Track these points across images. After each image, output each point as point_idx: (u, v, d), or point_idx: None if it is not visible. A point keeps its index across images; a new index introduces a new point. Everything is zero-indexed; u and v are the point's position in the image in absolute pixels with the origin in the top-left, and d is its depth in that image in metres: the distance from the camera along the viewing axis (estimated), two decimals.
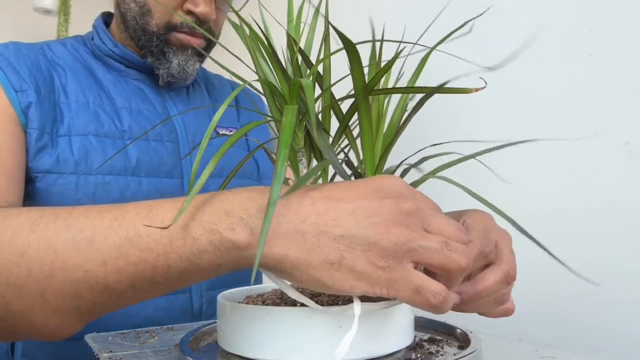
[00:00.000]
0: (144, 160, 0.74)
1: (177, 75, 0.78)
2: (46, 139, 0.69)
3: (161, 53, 0.77)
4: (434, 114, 0.80)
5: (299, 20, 0.53)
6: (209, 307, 0.78)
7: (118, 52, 0.79)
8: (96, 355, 0.50)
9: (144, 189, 0.73)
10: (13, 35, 0.85)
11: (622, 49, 0.70)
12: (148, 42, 0.77)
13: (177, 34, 0.76)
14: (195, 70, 0.79)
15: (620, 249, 0.69)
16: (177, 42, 0.77)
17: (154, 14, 0.75)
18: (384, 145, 0.48)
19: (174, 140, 0.78)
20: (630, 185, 0.69)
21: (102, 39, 0.80)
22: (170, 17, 0.75)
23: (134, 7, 0.76)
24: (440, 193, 0.88)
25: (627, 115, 0.69)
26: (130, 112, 0.77)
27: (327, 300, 0.45)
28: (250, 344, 0.43)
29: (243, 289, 0.55)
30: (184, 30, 0.76)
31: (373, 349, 0.42)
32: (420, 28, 0.57)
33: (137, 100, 0.78)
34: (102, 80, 0.78)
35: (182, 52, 0.77)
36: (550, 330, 0.76)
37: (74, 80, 0.75)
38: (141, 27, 0.76)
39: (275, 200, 0.32)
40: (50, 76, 0.73)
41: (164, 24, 0.76)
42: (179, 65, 0.77)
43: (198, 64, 0.80)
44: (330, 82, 0.52)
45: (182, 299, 0.76)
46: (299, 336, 0.40)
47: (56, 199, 0.69)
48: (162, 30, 0.76)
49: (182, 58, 0.77)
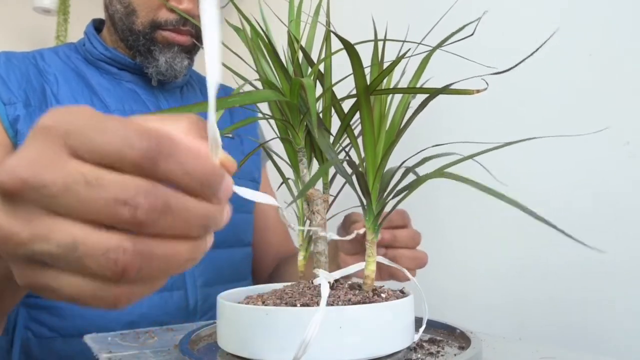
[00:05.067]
0: None
1: (165, 72, 0.79)
2: None
3: (148, 52, 0.78)
4: (436, 115, 0.80)
5: (299, 20, 0.53)
6: (205, 303, 0.79)
7: (109, 55, 0.81)
8: (96, 355, 0.50)
9: None
10: (13, 35, 0.85)
11: (622, 49, 0.70)
12: (135, 42, 0.78)
13: (163, 32, 0.77)
14: (184, 68, 0.80)
15: (620, 248, 0.69)
16: (162, 40, 0.78)
17: (138, 13, 0.77)
18: (385, 145, 0.47)
19: None
20: (630, 185, 0.69)
21: (92, 43, 0.82)
22: (155, 16, 0.77)
23: (120, 8, 0.78)
24: (442, 194, 0.88)
25: (627, 115, 0.69)
26: (123, 113, 0.78)
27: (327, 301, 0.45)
28: (250, 344, 0.43)
29: (243, 289, 0.55)
30: (169, 27, 0.77)
31: (373, 349, 0.42)
32: (423, 27, 0.57)
33: (130, 102, 0.80)
34: (95, 85, 0.79)
35: (168, 50, 0.78)
36: (551, 330, 0.76)
37: (66, 88, 0.77)
38: (128, 27, 0.78)
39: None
40: (41, 87, 0.75)
41: (149, 23, 0.77)
42: (166, 62, 0.78)
43: (187, 61, 0.80)
44: (331, 81, 0.52)
45: (177, 295, 0.76)
46: (298, 336, 0.40)
47: None
48: (147, 29, 0.77)
49: (168, 55, 0.78)
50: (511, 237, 0.80)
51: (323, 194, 0.51)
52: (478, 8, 0.76)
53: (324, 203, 0.50)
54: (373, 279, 0.48)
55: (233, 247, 0.84)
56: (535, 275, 0.78)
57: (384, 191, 0.47)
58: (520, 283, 0.80)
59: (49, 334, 0.71)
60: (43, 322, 0.72)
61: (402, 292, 0.50)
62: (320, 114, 0.51)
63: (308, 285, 0.49)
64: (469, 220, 0.85)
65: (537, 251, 0.77)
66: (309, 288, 0.48)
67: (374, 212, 0.47)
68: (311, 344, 0.36)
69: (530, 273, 0.79)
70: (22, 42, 2.11)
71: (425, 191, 0.58)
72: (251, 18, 0.52)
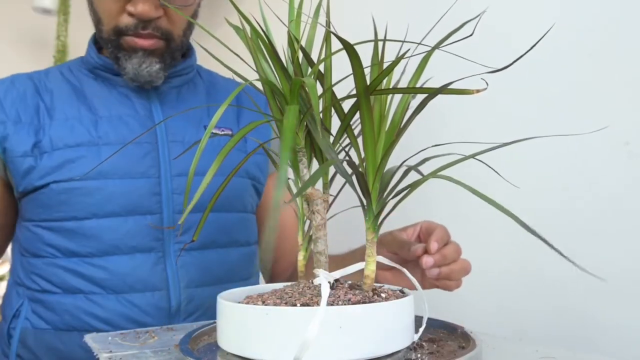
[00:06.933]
0: (118, 163, 0.77)
1: (135, 78, 0.79)
2: (30, 161, 0.76)
3: (115, 59, 0.80)
4: (436, 115, 0.80)
5: (299, 20, 0.53)
6: (189, 304, 0.78)
7: (101, 62, 0.83)
8: (96, 355, 0.50)
9: (117, 190, 0.76)
10: (13, 35, 0.85)
11: (623, 48, 0.70)
12: (108, 50, 0.81)
13: (126, 38, 0.78)
14: (155, 72, 0.79)
15: (620, 248, 0.69)
16: (127, 46, 0.79)
17: (103, 20, 0.79)
18: (385, 145, 0.48)
19: (151, 141, 0.80)
20: (630, 185, 0.69)
21: (89, 53, 0.85)
22: (117, 22, 0.78)
23: (93, 18, 0.81)
24: (442, 194, 0.88)
25: (627, 115, 0.69)
26: (110, 119, 0.80)
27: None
28: (250, 344, 0.43)
29: (244, 289, 0.55)
30: (129, 33, 0.78)
31: (373, 349, 0.42)
32: (422, 27, 0.57)
33: (119, 107, 0.81)
34: (89, 94, 0.82)
35: (134, 55, 0.78)
36: (551, 330, 0.76)
37: (59, 101, 0.80)
38: (99, 35, 0.81)
39: (278, 204, 0.32)
40: (35, 104, 0.79)
41: (112, 30, 0.78)
42: (133, 68, 0.78)
43: (157, 66, 0.79)
44: (331, 81, 0.52)
45: (158, 296, 0.76)
46: (298, 336, 0.40)
47: (43, 206, 0.76)
48: (112, 36, 0.79)
49: (135, 61, 0.78)
50: (512, 237, 0.80)
51: (323, 194, 0.51)
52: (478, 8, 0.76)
53: (324, 203, 0.50)
54: (373, 278, 0.48)
55: (226, 247, 0.84)
56: (535, 276, 0.78)
57: (383, 191, 0.47)
58: (520, 283, 0.81)
59: (44, 326, 0.76)
60: (40, 314, 0.76)
61: (402, 292, 0.50)
62: (320, 114, 0.51)
63: (308, 285, 0.49)
64: (469, 220, 0.85)
65: (537, 251, 0.77)
66: (309, 288, 0.48)
67: (374, 212, 0.47)
68: (311, 344, 0.36)
69: (531, 274, 0.79)
70: (22, 42, 2.11)
71: (425, 191, 0.58)
72: (251, 18, 0.52)
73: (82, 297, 0.74)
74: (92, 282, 0.75)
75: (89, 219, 0.75)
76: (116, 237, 0.75)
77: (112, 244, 0.75)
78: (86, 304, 0.74)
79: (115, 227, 0.75)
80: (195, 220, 0.77)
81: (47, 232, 0.76)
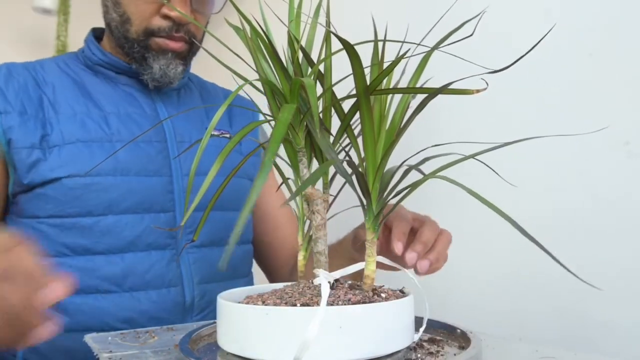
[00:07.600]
0: (132, 160, 0.78)
1: (160, 79, 0.81)
2: (38, 154, 0.75)
3: (143, 59, 0.81)
4: (436, 115, 0.80)
5: (299, 20, 0.53)
6: (202, 300, 0.80)
7: (106, 60, 0.84)
8: (96, 355, 0.50)
9: (134, 187, 0.77)
10: (13, 35, 0.85)
11: (623, 48, 0.70)
12: (130, 49, 0.81)
13: (156, 39, 0.80)
14: (179, 74, 0.82)
15: (620, 248, 0.69)
16: (156, 47, 0.80)
17: (132, 21, 0.80)
18: (385, 145, 0.48)
19: (161, 140, 0.82)
20: (630, 185, 0.69)
21: (91, 50, 0.85)
22: (148, 24, 0.79)
23: (116, 17, 0.81)
24: (442, 193, 0.88)
25: (627, 116, 0.69)
26: (119, 116, 0.80)
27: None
28: (250, 344, 0.43)
29: (243, 289, 0.55)
30: (162, 35, 0.79)
31: (373, 349, 0.42)
32: (422, 27, 0.57)
33: (126, 105, 0.82)
34: (91, 90, 0.82)
35: (162, 57, 0.81)
36: (551, 330, 0.76)
37: (62, 95, 0.80)
38: (123, 35, 0.81)
39: (258, 192, 0.31)
40: (38, 97, 0.78)
41: (143, 31, 0.79)
42: (160, 69, 0.80)
43: (181, 67, 0.82)
44: (331, 81, 0.52)
45: (174, 292, 0.78)
46: (298, 336, 0.40)
47: (53, 201, 0.74)
48: (141, 37, 0.80)
49: (162, 62, 0.80)
50: (512, 237, 0.80)
51: (323, 193, 0.51)
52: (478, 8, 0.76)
53: (324, 203, 0.50)
54: (373, 278, 0.48)
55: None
56: (535, 276, 0.78)
57: (383, 191, 0.47)
58: (520, 283, 0.81)
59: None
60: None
61: (402, 292, 0.50)
62: (320, 114, 0.51)
63: (308, 285, 0.49)
64: (469, 220, 0.85)
65: (537, 250, 0.77)
66: (309, 288, 0.48)
67: (373, 212, 0.47)
68: (311, 344, 0.36)
69: (530, 274, 0.79)
70: (22, 42, 2.10)
71: (425, 191, 0.58)
72: (251, 18, 0.52)
73: (97, 296, 0.74)
74: (108, 280, 0.74)
75: (105, 215, 0.75)
76: (134, 233, 0.76)
77: (129, 240, 0.76)
78: (102, 302, 0.74)
79: (133, 223, 0.76)
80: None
81: (55, 229, 0.74)
